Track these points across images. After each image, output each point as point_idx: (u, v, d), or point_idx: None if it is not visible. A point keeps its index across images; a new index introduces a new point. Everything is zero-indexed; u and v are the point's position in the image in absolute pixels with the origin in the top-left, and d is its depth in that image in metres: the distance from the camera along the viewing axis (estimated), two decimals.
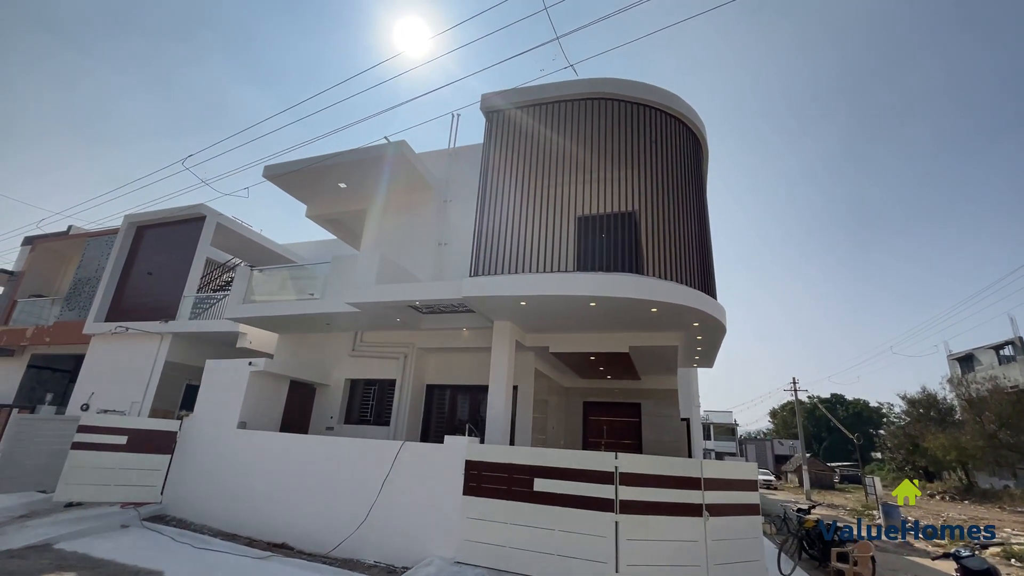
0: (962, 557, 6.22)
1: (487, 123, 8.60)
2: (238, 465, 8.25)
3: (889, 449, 44.42)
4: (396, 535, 6.49)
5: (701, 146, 9.09)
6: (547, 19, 6.69)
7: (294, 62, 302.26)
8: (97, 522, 8.08)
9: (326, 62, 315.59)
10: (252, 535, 7.60)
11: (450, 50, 8.06)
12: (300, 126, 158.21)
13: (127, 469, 8.82)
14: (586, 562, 5.30)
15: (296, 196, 11.85)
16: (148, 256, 13.99)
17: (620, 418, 11.96)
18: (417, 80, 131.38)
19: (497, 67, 56.95)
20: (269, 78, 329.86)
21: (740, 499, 5.99)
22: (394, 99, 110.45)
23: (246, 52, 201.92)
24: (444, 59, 15.30)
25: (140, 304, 13.18)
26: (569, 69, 7.61)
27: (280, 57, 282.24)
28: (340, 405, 10.35)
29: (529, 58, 75.01)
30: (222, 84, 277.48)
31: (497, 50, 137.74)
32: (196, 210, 13.40)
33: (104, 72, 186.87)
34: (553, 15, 6.70)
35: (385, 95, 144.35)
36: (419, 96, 14.83)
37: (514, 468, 5.95)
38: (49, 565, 6.32)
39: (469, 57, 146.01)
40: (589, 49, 70.85)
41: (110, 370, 12.69)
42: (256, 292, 10.50)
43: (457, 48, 8.90)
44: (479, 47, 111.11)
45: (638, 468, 5.56)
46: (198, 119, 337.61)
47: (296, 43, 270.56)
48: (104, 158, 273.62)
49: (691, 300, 7.19)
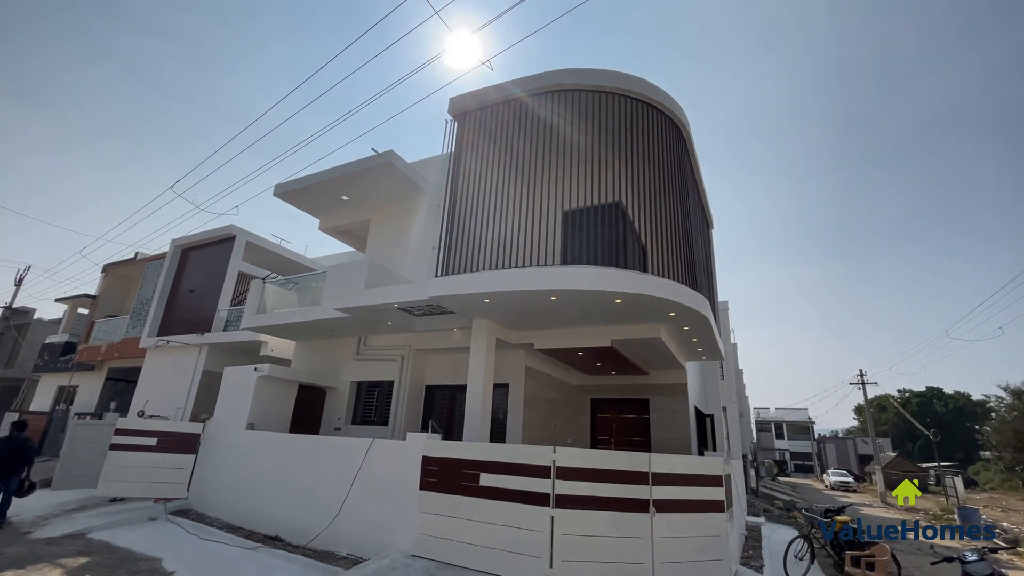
0: (967, 562, 5.57)
1: (457, 127, 8.73)
2: (245, 464, 8.91)
3: (995, 447, 39.71)
4: (367, 528, 6.76)
5: (682, 133, 8.70)
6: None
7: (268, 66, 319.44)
8: (130, 515, 9.04)
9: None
10: (253, 528, 8.19)
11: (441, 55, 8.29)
12: (292, 132, 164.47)
13: (158, 468, 9.76)
14: (525, 556, 5.27)
15: (307, 211, 12.60)
16: (191, 275, 15.40)
17: (629, 415, 11.62)
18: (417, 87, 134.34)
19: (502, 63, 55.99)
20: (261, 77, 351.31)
21: (700, 495, 5.70)
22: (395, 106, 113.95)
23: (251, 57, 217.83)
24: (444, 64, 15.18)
25: (184, 319, 14.53)
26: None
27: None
28: (347, 407, 10.87)
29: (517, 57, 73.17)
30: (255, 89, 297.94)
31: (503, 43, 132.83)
32: (227, 231, 14.61)
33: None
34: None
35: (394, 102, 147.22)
36: (418, 102, 15.19)
37: (463, 463, 6.02)
38: (73, 551, 7.17)
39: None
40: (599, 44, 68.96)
41: (160, 379, 14.10)
42: (273, 303, 11.29)
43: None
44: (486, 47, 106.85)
45: (577, 462, 5.44)
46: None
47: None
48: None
49: (658, 290, 6.92)
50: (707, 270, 11.28)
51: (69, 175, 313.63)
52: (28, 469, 8.64)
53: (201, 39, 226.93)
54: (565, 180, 7.85)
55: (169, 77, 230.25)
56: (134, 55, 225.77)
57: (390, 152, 10.36)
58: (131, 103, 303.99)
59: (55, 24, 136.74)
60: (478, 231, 7.80)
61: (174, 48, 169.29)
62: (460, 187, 8.22)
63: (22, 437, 8.75)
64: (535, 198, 7.77)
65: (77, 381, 19.04)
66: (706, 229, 11.73)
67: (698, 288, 7.96)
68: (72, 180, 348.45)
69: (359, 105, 11.00)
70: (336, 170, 10.85)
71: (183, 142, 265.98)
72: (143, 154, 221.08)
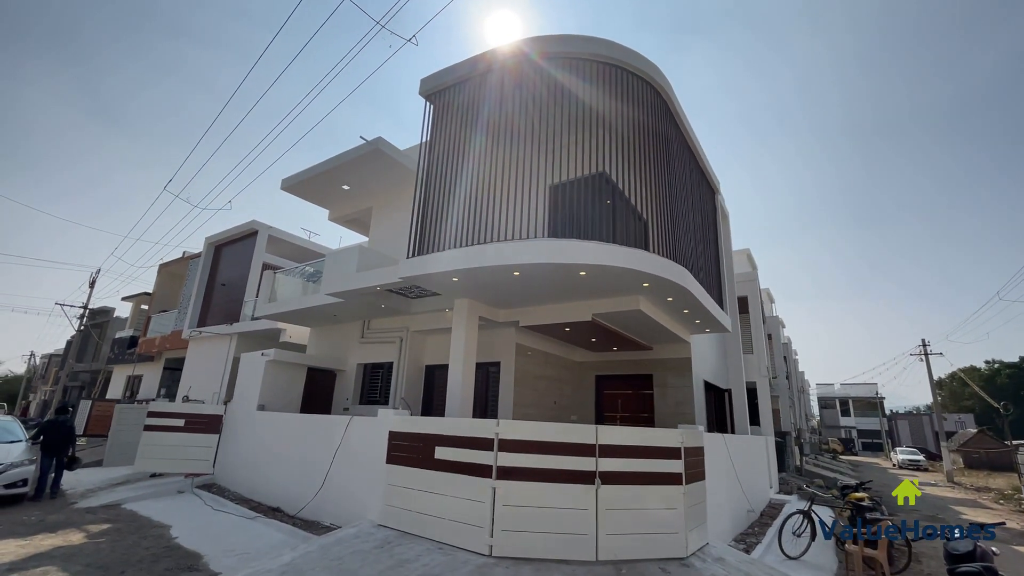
0: (951, 540, 5.14)
1: (432, 108, 8.72)
2: (255, 442, 9.57)
3: None
4: (346, 500, 7.12)
5: (661, 97, 8.25)
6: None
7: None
8: (162, 488, 9.98)
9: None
10: (261, 500, 8.81)
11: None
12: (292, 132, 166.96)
13: (187, 446, 10.66)
14: (470, 526, 5.36)
15: (315, 203, 13.09)
16: (224, 270, 16.51)
17: (634, 391, 11.38)
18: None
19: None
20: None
21: (654, 468, 5.55)
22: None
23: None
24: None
25: (218, 311, 15.64)
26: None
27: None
28: (355, 388, 11.36)
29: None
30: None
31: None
32: (250, 226, 15.48)
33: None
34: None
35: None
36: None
37: (420, 438, 6.17)
38: (102, 519, 8.02)
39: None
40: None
41: (201, 367, 15.31)
42: (283, 292, 11.91)
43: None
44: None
45: (520, 434, 5.43)
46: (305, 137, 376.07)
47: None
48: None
49: (624, 260, 6.70)
50: (711, 238, 10.75)
51: (146, 189, 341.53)
52: (72, 447, 9.73)
53: (255, 46, 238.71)
54: (543, 153, 7.65)
55: (227, 86, 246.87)
56: (199, 68, 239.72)
57: (378, 139, 10.54)
58: (198, 114, 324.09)
59: (127, 45, 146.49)
60: (450, 210, 7.82)
61: (231, 56, 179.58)
62: (434, 166, 8.25)
63: (66, 420, 9.85)
64: (512, 172, 7.64)
65: (140, 371, 21.03)
66: (709, 195, 11.15)
67: (679, 258, 7.62)
68: (151, 193, 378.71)
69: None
70: (331, 160, 11.18)
71: (241, 147, 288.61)
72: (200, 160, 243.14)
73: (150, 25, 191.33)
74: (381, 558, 5.30)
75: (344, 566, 5.14)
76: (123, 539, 6.91)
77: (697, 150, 9.90)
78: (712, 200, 11.37)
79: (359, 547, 5.64)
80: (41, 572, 5.55)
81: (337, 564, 5.19)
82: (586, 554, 5.09)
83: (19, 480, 8.85)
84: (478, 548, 5.19)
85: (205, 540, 6.90)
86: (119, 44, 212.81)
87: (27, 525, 7.47)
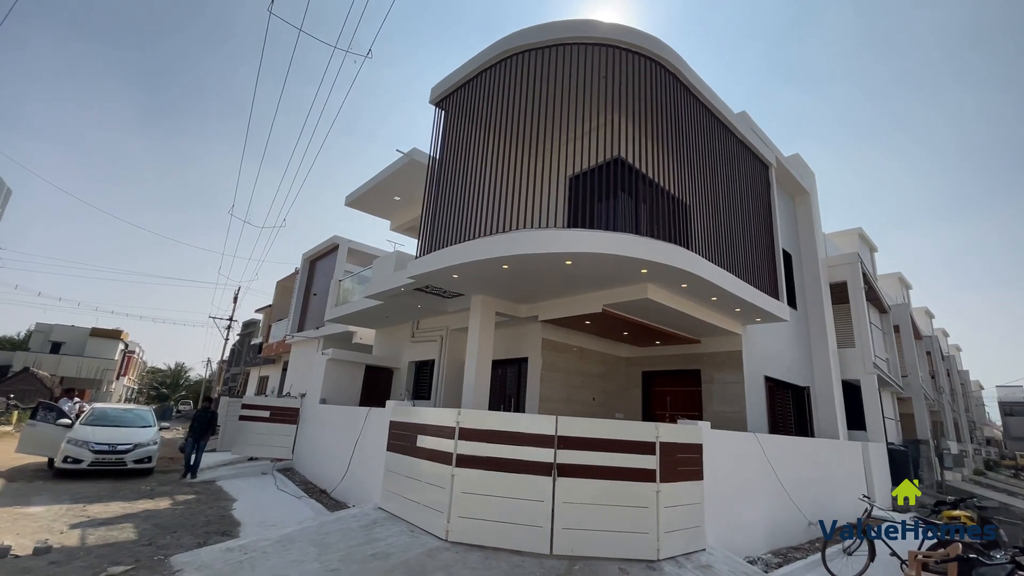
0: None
1: (442, 115, 9.07)
2: (316, 431, 10.73)
3: None
4: (364, 484, 7.73)
5: (679, 79, 7.67)
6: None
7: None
8: (249, 470, 11.65)
9: None
10: (314, 482, 9.89)
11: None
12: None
13: (272, 434, 12.32)
14: (434, 511, 5.53)
15: (376, 215, 14.28)
16: (317, 281, 18.65)
17: (683, 388, 10.55)
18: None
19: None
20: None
21: (624, 462, 5.23)
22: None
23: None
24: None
25: (312, 318, 17.71)
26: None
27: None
28: (407, 383, 12.16)
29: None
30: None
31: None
32: (332, 241, 17.33)
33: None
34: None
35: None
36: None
37: (408, 427, 6.49)
38: (195, 491, 9.61)
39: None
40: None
41: (300, 366, 17.46)
42: (352, 298, 13.18)
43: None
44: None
45: (480, 424, 5.46)
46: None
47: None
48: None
49: (607, 246, 6.39)
50: (762, 218, 9.68)
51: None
52: (211, 433, 11.69)
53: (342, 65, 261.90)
54: (555, 142, 7.58)
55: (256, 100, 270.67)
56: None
57: (413, 150, 11.21)
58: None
59: (242, 44, 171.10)
60: (454, 209, 8.08)
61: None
62: (443, 168, 8.55)
63: (211, 410, 11.91)
64: (524, 166, 7.62)
65: (267, 372, 24.53)
66: (762, 171, 10.02)
67: (678, 240, 7.03)
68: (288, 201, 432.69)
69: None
70: (379, 175, 12.15)
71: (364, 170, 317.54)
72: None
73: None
74: (358, 536, 5.71)
75: (326, 540, 5.64)
76: (196, 507, 8.26)
77: (731, 124, 8.97)
78: (767, 175, 10.19)
79: (349, 525, 6.14)
80: (121, 527, 6.90)
81: (322, 538, 5.72)
82: (540, 547, 4.99)
83: (145, 457, 10.93)
84: (438, 532, 5.36)
85: (253, 512, 7.97)
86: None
87: (139, 492, 9.24)
